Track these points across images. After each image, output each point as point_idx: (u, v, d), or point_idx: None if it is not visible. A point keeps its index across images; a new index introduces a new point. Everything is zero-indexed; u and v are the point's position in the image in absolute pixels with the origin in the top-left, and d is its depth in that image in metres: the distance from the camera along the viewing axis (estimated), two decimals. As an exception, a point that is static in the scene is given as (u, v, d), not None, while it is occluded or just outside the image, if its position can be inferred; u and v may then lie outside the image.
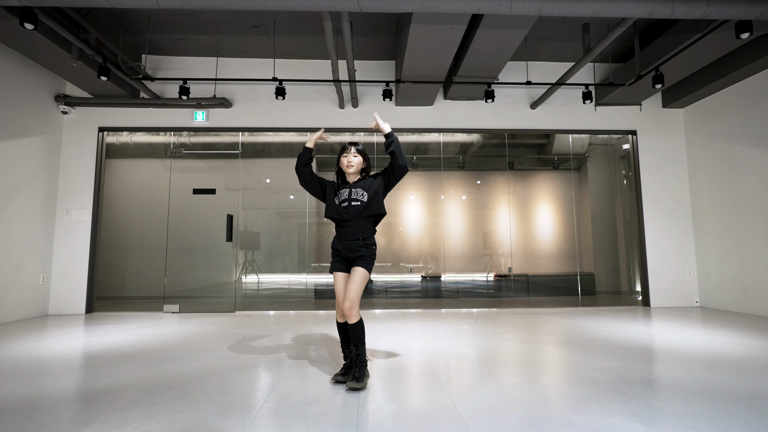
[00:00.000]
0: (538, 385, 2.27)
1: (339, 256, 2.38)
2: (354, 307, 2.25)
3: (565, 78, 4.97)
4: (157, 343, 3.40)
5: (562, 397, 2.08)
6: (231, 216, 5.62)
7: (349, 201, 2.37)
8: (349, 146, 2.44)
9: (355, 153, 2.42)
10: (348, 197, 2.38)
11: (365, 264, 2.32)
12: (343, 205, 2.38)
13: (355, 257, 2.34)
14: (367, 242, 2.38)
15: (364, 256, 2.34)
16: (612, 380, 2.34)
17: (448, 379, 2.40)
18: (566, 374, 2.47)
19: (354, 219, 2.35)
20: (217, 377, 2.43)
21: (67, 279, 5.25)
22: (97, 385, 2.31)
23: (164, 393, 2.16)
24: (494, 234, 7.02)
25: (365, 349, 2.32)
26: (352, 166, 2.40)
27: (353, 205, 2.36)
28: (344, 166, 2.42)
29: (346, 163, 2.41)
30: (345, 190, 2.41)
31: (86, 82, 5.07)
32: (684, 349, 3.10)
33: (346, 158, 2.42)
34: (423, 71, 4.68)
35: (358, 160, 2.41)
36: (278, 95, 4.78)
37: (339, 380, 2.30)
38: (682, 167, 5.80)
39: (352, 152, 2.42)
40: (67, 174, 5.39)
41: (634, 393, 2.12)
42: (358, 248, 2.35)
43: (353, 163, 2.41)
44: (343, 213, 2.36)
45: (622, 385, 2.26)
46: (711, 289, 5.42)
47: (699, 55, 4.54)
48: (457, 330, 3.98)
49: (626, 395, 2.09)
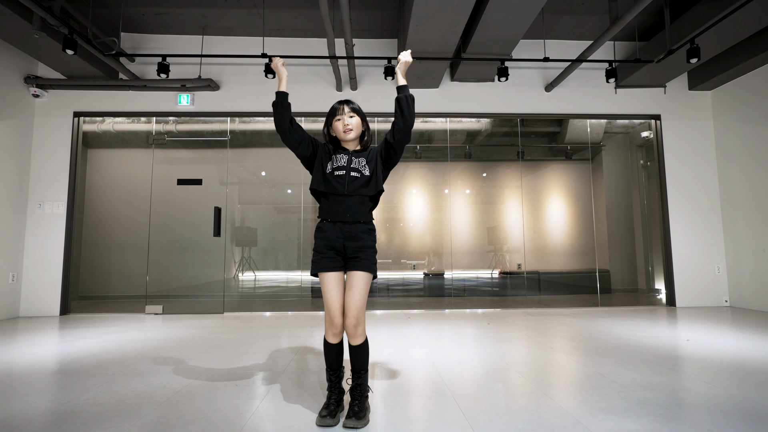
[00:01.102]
0: (582, 411, 1.82)
1: (329, 247, 1.78)
2: (361, 324, 1.72)
3: (586, 54, 4.49)
4: (127, 352, 2.96)
5: (617, 430, 1.62)
6: (219, 209, 5.16)
7: (348, 170, 1.81)
8: (341, 105, 1.85)
9: (351, 113, 1.85)
10: (347, 164, 1.81)
11: (368, 264, 1.76)
12: (337, 174, 1.80)
13: (354, 248, 1.77)
14: (369, 227, 1.83)
15: (366, 248, 1.78)
16: (669, 404, 1.88)
17: (465, 402, 1.95)
18: (611, 395, 2.01)
19: (353, 195, 1.79)
20: (182, 401, 1.98)
21: (40, 278, 4.80)
22: (34, 410, 1.86)
23: (111, 423, 1.71)
24: (502, 229, 6.55)
25: (368, 377, 1.80)
26: (351, 130, 1.82)
27: (352, 176, 1.80)
28: (339, 132, 1.84)
29: (341, 127, 1.82)
30: (343, 155, 1.84)
31: (59, 62, 4.59)
32: (735, 359, 2.64)
33: (340, 121, 1.83)
34: (429, 46, 4.20)
35: (356, 121, 1.83)
36: (268, 73, 4.31)
37: (328, 424, 1.67)
38: (711, 154, 5.32)
39: (346, 112, 1.83)
40: (40, 163, 4.93)
41: (707, 422, 1.67)
42: (358, 234, 1.79)
43: (351, 125, 1.82)
44: (338, 184, 1.78)
45: (685, 410, 1.80)
46: (743, 288, 4.97)
47: (732, 30, 4.06)
48: (467, 335, 3.53)
49: (697, 425, 1.64)
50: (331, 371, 1.80)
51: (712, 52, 4.52)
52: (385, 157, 1.86)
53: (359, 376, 1.75)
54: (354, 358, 1.76)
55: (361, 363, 1.76)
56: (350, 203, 1.79)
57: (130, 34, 5.09)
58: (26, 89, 4.86)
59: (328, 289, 1.76)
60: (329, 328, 1.77)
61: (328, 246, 1.79)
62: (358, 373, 1.75)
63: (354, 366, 1.77)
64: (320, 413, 1.72)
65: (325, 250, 1.79)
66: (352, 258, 1.78)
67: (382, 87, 5.19)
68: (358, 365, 1.76)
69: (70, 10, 4.15)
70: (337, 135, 1.87)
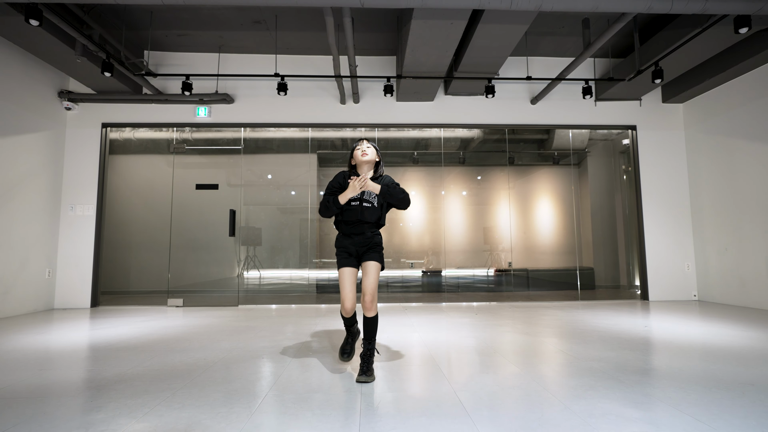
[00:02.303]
0: (537, 374, 2.32)
1: (346, 252, 2.37)
2: (375, 300, 2.26)
3: (566, 73, 4.99)
4: (163, 335, 3.46)
5: (560, 385, 2.13)
6: (233, 211, 5.67)
7: (361, 201, 2.36)
8: (361, 141, 2.45)
9: (368, 144, 2.44)
10: (360, 196, 2.36)
11: (378, 257, 2.35)
12: (353, 204, 2.35)
13: (365, 251, 2.35)
14: (375, 233, 2.40)
15: (375, 248, 2.36)
16: (609, 369, 2.39)
17: (449, 369, 2.45)
18: (565, 364, 2.52)
19: (364, 222, 2.36)
20: (222, 367, 2.49)
21: (72, 274, 5.31)
22: (105, 374, 2.37)
23: (172, 381, 2.22)
24: (494, 229, 7.07)
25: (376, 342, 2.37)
26: (367, 155, 2.39)
27: (365, 206, 2.35)
28: (358, 156, 2.40)
29: (360, 153, 2.39)
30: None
31: (89, 78, 5.10)
32: (681, 341, 3.15)
33: (359, 149, 2.41)
34: (424, 67, 4.71)
35: (372, 151, 2.42)
36: (280, 91, 4.82)
37: (346, 359, 2.50)
38: (682, 162, 5.83)
39: (365, 143, 2.44)
40: (71, 169, 5.44)
41: (631, 381, 2.18)
42: (368, 242, 2.36)
43: (368, 152, 2.40)
44: (353, 213, 2.35)
45: (619, 374, 2.31)
46: (709, 283, 5.47)
47: (698, 50, 4.56)
48: (457, 323, 4.03)
49: (623, 383, 2.14)
50: (348, 326, 2.54)
51: (682, 69, 5.02)
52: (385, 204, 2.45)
53: (370, 342, 2.30)
54: (367, 327, 2.30)
55: (372, 331, 2.30)
56: (362, 226, 2.37)
57: (153, 52, 5.60)
58: (59, 103, 5.36)
59: (343, 279, 2.34)
60: (343, 310, 2.39)
61: (346, 251, 2.39)
62: (370, 339, 2.30)
63: (367, 334, 2.30)
64: (340, 354, 2.53)
65: (343, 253, 2.40)
66: (365, 254, 2.36)
67: (382, 101, 5.69)
68: (370, 333, 2.30)
69: (106, 36, 4.65)
70: (355, 159, 2.44)
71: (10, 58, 4.58)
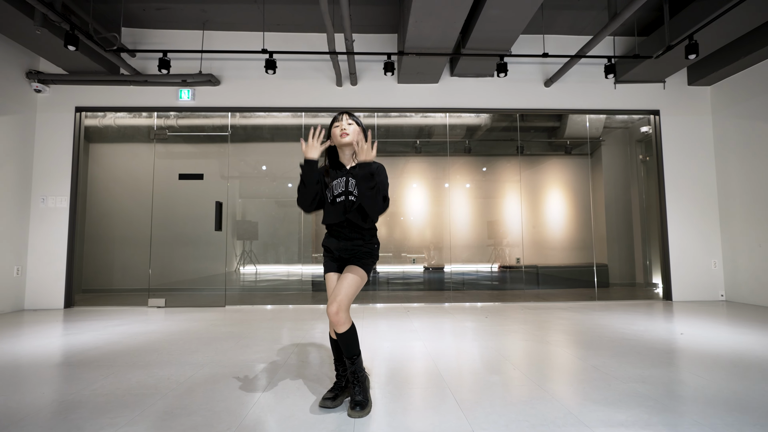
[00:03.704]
0: (574, 402, 1.87)
1: (330, 254, 1.93)
2: (342, 312, 1.75)
3: (585, 50, 4.50)
4: (131, 345, 3.02)
5: (606, 422, 1.68)
6: (220, 203, 5.21)
7: (346, 195, 1.87)
8: (341, 114, 1.93)
9: (349, 120, 1.93)
10: (344, 190, 1.87)
11: (363, 264, 1.88)
12: (338, 200, 1.87)
13: (351, 256, 1.90)
14: (367, 240, 1.92)
15: (363, 257, 1.90)
16: (660, 395, 1.94)
17: (461, 394, 2.01)
18: (602, 387, 2.07)
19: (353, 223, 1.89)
20: (186, 391, 2.04)
21: (44, 271, 4.87)
22: (42, 400, 1.93)
23: (118, 413, 1.77)
24: (501, 223, 6.60)
25: (362, 361, 1.87)
26: (347, 134, 1.88)
27: (350, 200, 1.86)
28: (336, 137, 1.90)
29: (339, 133, 1.89)
30: (340, 179, 1.89)
31: (60, 57, 4.62)
32: (730, 352, 2.70)
33: (338, 127, 1.91)
34: (428, 42, 4.22)
35: (354, 129, 1.90)
36: (268, 68, 4.33)
37: (327, 405, 1.82)
38: (709, 149, 5.35)
39: (345, 119, 1.91)
40: (43, 158, 4.97)
41: (693, 412, 1.73)
42: (355, 248, 1.90)
43: (348, 130, 1.89)
44: (339, 212, 1.86)
45: (675, 402, 1.86)
46: (738, 282, 5.02)
47: (733, 25, 4.07)
48: (465, 328, 3.59)
49: (683, 416, 1.69)
50: (337, 361, 1.95)
51: (712, 47, 4.52)
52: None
53: (353, 362, 1.82)
54: (342, 345, 1.81)
55: (350, 349, 1.81)
56: (349, 226, 1.89)
57: (131, 30, 5.10)
58: (28, 84, 4.89)
59: (328, 285, 1.90)
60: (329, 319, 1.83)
61: (330, 253, 1.94)
62: (351, 358, 1.81)
63: (346, 353, 1.81)
64: (324, 396, 1.87)
65: (328, 255, 1.95)
66: (348, 258, 1.92)
67: (382, 82, 5.21)
68: (347, 351, 1.81)
69: (71, 6, 4.17)
70: (334, 141, 1.93)
71: (-34, 32, 4.10)
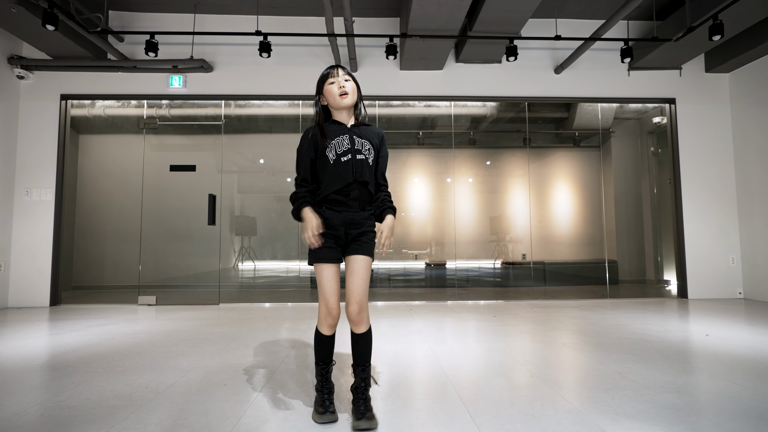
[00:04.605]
0: (601, 416, 1.64)
1: (330, 235, 1.59)
2: (364, 311, 1.57)
3: (600, 33, 4.24)
4: (113, 347, 2.79)
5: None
6: (213, 196, 4.97)
7: (353, 153, 1.61)
8: (334, 68, 1.65)
9: (346, 76, 1.65)
10: (350, 146, 1.61)
11: (369, 248, 1.61)
12: (344, 160, 1.59)
13: (356, 234, 1.60)
14: (371, 212, 1.66)
15: (368, 232, 1.62)
16: (700, 408, 1.70)
17: (475, 406, 1.77)
18: (632, 398, 1.83)
19: (360, 181, 1.61)
20: (165, 402, 1.81)
21: (29, 268, 4.63)
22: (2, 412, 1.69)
23: (82, 430, 1.54)
24: (507, 218, 6.35)
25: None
26: (347, 93, 1.61)
27: (359, 159, 1.60)
28: (334, 96, 1.62)
29: (336, 91, 1.61)
30: (342, 137, 1.62)
31: (43, 42, 4.36)
32: (761, 356, 2.46)
33: (334, 84, 1.62)
34: (433, 23, 3.95)
35: (351, 85, 1.64)
36: (263, 52, 4.08)
37: (332, 419, 1.57)
38: (727, 139, 5.09)
39: (340, 74, 1.64)
40: (26, 148, 4.73)
41: (748, 429, 1.49)
42: (361, 221, 1.62)
43: (347, 88, 1.62)
44: (345, 172, 1.58)
45: (717, 417, 1.62)
46: (758, 279, 4.78)
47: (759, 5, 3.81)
48: (472, 328, 3.36)
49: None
50: (324, 365, 1.65)
51: (732, 31, 4.26)
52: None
53: (364, 369, 1.60)
54: (359, 348, 1.60)
55: (366, 353, 1.61)
56: (358, 191, 1.62)
57: (118, 13, 4.84)
58: (10, 70, 4.63)
59: (326, 280, 1.59)
60: (325, 320, 1.60)
61: (329, 234, 1.60)
62: (363, 365, 1.60)
63: (358, 358, 1.60)
64: (318, 411, 1.60)
65: (329, 238, 1.60)
66: (354, 242, 1.61)
67: (384, 68, 4.95)
68: (363, 356, 1.60)
69: (51, -16, 3.89)
70: (330, 101, 1.65)
71: (-60, 12, 3.84)
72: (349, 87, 1.63)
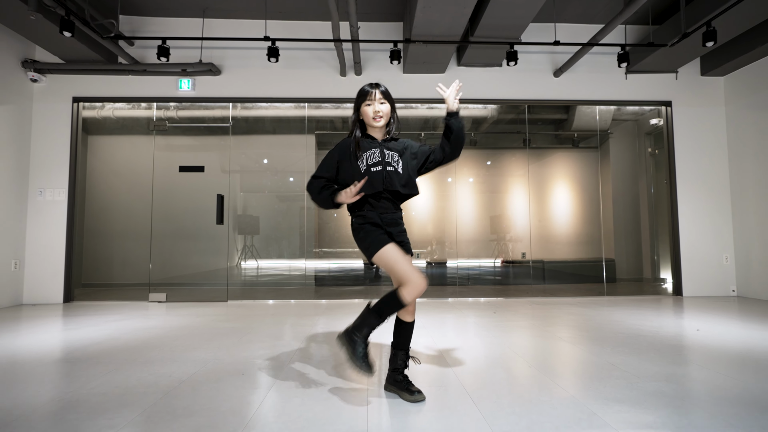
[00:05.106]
0: (599, 403, 1.77)
1: (380, 228, 1.77)
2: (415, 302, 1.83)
3: (598, 38, 4.37)
4: (131, 340, 2.93)
5: (633, 422, 1.58)
6: (221, 196, 5.11)
7: (383, 165, 1.78)
8: (372, 89, 1.79)
9: (382, 99, 1.80)
10: (381, 160, 1.79)
11: (409, 248, 1.84)
12: (374, 170, 1.76)
13: (397, 232, 1.81)
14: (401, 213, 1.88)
15: (405, 232, 1.86)
16: (685, 395, 1.84)
17: (476, 390, 1.91)
18: (624, 386, 1.97)
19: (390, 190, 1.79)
20: (188, 390, 1.95)
21: (43, 265, 4.77)
22: (38, 399, 1.83)
23: (117, 412, 1.68)
24: (506, 217, 6.49)
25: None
26: (381, 117, 1.78)
27: (389, 171, 1.78)
28: (368, 117, 1.80)
29: (371, 113, 1.78)
30: (374, 150, 1.80)
31: (57, 46, 4.49)
32: (745, 349, 2.60)
33: (370, 107, 1.79)
34: (436, 29, 4.09)
35: (386, 109, 1.80)
36: (271, 56, 4.21)
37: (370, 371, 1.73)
38: (722, 141, 5.22)
39: (377, 98, 1.79)
40: (39, 149, 4.86)
41: (727, 414, 1.63)
42: (398, 221, 1.83)
43: (382, 112, 1.78)
44: (376, 181, 1.74)
45: (700, 401, 1.76)
46: (751, 277, 4.91)
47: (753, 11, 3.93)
48: (473, 323, 3.50)
49: (715, 417, 1.59)
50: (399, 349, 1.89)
51: (727, 36, 4.39)
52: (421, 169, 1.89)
53: (407, 352, 1.87)
54: (407, 334, 1.86)
55: (409, 339, 1.89)
56: (389, 200, 1.82)
57: (129, 17, 4.97)
58: (24, 74, 4.77)
59: (400, 255, 1.71)
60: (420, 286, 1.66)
61: (378, 225, 1.77)
62: (406, 349, 1.87)
63: (406, 343, 1.86)
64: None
65: (376, 228, 1.77)
66: (399, 243, 1.79)
67: (388, 71, 5.08)
68: (407, 342, 1.87)
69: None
70: (366, 120, 1.84)
71: (-41, 18, 3.97)
72: (384, 110, 1.79)
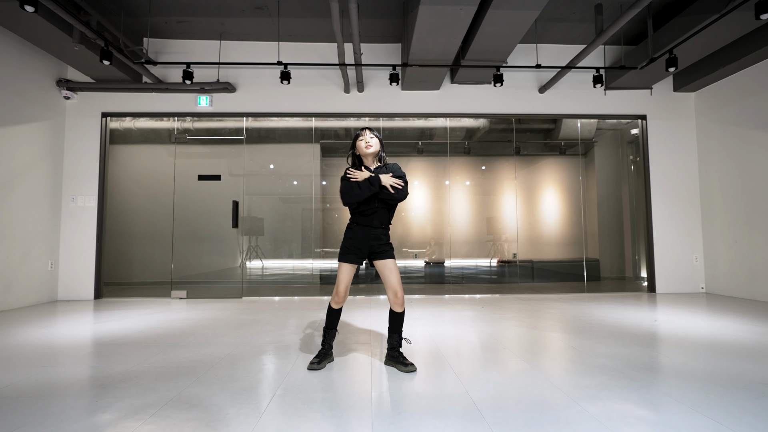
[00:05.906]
0: (550, 371, 2.27)
1: (356, 246, 2.34)
2: (401, 296, 2.34)
3: (576, 61, 4.86)
4: (167, 329, 3.43)
5: (574, 384, 2.08)
6: (236, 202, 5.61)
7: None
8: (364, 130, 2.44)
9: (371, 135, 2.41)
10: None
11: (392, 253, 2.38)
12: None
13: (378, 245, 2.35)
14: (387, 230, 2.42)
15: (387, 243, 2.38)
16: (623, 367, 2.34)
17: (458, 365, 2.41)
18: (576, 361, 2.47)
19: (380, 208, 2.35)
20: (228, 364, 2.45)
21: (75, 265, 5.27)
22: (110, 371, 2.33)
23: (178, 379, 2.18)
24: (498, 220, 6.99)
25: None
26: (371, 146, 2.38)
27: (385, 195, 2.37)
28: (362, 148, 2.40)
29: (364, 144, 2.39)
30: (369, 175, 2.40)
31: (88, 67, 4.99)
32: (693, 336, 3.10)
33: (362, 140, 2.40)
34: (431, 54, 4.58)
35: (376, 141, 2.41)
36: (283, 80, 4.70)
37: (315, 368, 2.32)
38: (692, 152, 5.72)
39: (368, 134, 2.42)
40: (72, 160, 5.36)
41: (646, 380, 2.13)
42: (380, 237, 2.37)
43: (372, 143, 2.39)
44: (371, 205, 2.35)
45: (633, 372, 2.26)
46: (718, 276, 5.41)
47: (715, 37, 4.42)
48: (463, 316, 3.99)
49: (638, 382, 2.09)
50: (329, 330, 2.42)
51: (695, 57, 4.88)
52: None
53: (399, 335, 2.39)
54: (397, 322, 2.39)
55: (401, 325, 2.40)
56: (378, 213, 2.36)
57: (152, 40, 5.47)
58: (58, 92, 5.26)
59: (343, 275, 2.36)
60: (335, 298, 2.37)
61: (356, 246, 2.35)
62: (400, 332, 2.39)
63: (398, 327, 2.39)
64: (312, 361, 2.36)
65: (353, 247, 2.34)
66: (378, 252, 2.35)
67: (386, 90, 5.57)
68: (400, 326, 2.39)
69: (104, 23, 4.53)
70: (359, 151, 2.42)
71: (7, 45, 4.47)
72: (373, 142, 2.39)
